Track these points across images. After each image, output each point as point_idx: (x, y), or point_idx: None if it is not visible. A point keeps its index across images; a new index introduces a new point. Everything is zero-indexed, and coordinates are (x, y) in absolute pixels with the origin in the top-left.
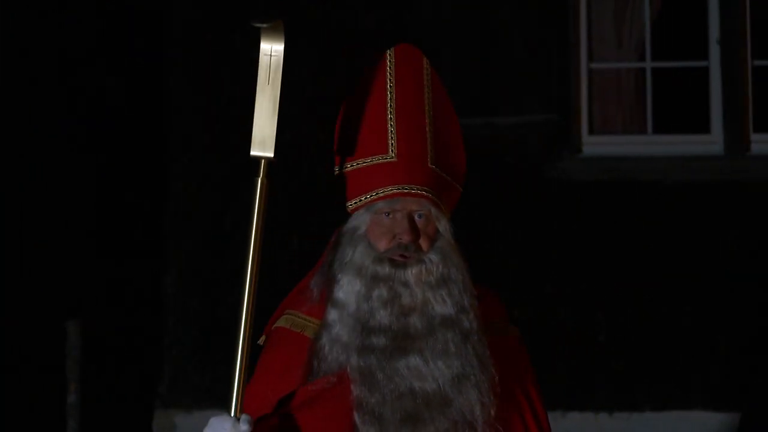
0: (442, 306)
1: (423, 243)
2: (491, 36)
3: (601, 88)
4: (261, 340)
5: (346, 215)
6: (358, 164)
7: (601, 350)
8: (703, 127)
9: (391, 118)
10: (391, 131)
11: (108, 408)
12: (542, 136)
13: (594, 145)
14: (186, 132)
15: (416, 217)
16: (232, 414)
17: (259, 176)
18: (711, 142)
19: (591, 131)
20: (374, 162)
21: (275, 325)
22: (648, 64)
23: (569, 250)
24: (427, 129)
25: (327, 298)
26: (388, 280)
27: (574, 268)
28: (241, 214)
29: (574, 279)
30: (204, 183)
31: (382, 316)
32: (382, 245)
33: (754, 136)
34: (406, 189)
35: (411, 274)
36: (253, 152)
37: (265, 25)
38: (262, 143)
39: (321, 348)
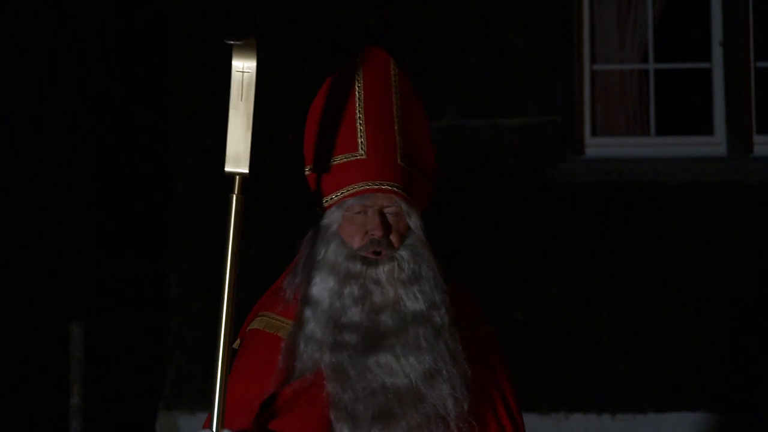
0: (414, 302)
1: (394, 239)
2: (494, 37)
3: (604, 89)
4: (236, 344)
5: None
6: (328, 163)
7: (605, 352)
8: (706, 129)
9: (360, 117)
10: (361, 130)
11: (111, 409)
12: (545, 137)
13: (597, 146)
14: (189, 133)
15: (387, 213)
16: (215, 428)
17: (234, 192)
18: (714, 144)
19: (594, 133)
20: (344, 160)
21: (249, 327)
22: (651, 66)
23: (572, 252)
24: (396, 128)
25: (301, 296)
26: (359, 277)
27: (577, 270)
28: (245, 216)
29: (577, 280)
30: (207, 185)
31: (354, 314)
32: (355, 242)
33: (757, 138)
34: (377, 185)
35: (383, 271)
36: (228, 168)
37: (238, 42)
38: (237, 159)
39: (296, 346)
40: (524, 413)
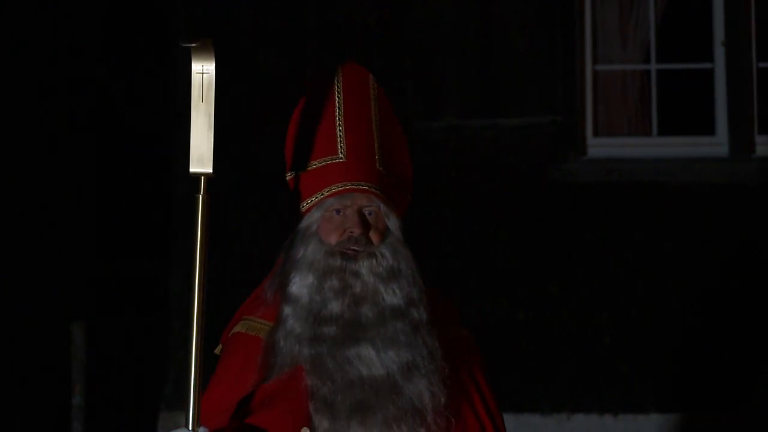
0: (392, 297)
1: (374, 237)
2: (495, 37)
3: (606, 89)
4: (217, 350)
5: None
6: (309, 167)
7: (606, 352)
8: (708, 129)
9: (339, 123)
10: (340, 134)
11: (113, 410)
12: (547, 137)
13: (599, 146)
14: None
15: (366, 212)
16: (190, 427)
17: (199, 193)
18: (716, 144)
19: (596, 133)
20: (324, 163)
21: (232, 332)
22: (653, 66)
23: (573, 252)
24: (375, 134)
25: (281, 297)
26: (339, 271)
27: (578, 270)
28: (245, 216)
29: (578, 281)
30: (208, 185)
31: (334, 306)
32: (333, 239)
33: (759, 138)
34: (356, 185)
35: (363, 265)
36: (192, 169)
37: (193, 45)
38: (200, 160)
39: (276, 342)
40: (526, 414)
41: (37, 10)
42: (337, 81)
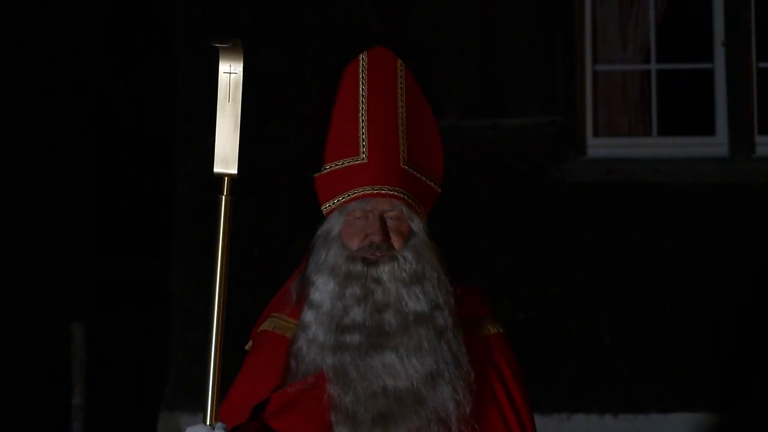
0: (416, 303)
1: (396, 242)
2: (495, 37)
3: (606, 90)
4: (248, 346)
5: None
6: (330, 168)
7: (606, 352)
8: (708, 129)
9: (362, 121)
10: (363, 134)
11: (113, 410)
12: (547, 138)
13: (599, 147)
14: (190, 134)
15: (388, 218)
16: (207, 422)
17: (223, 194)
18: (715, 144)
19: (596, 133)
20: (346, 165)
21: (260, 329)
22: (653, 66)
23: (573, 252)
24: (399, 131)
25: (304, 300)
26: (360, 277)
27: (578, 270)
28: (246, 216)
29: (578, 281)
30: (209, 185)
31: (356, 314)
32: (355, 244)
33: (759, 138)
34: (377, 189)
35: (384, 270)
36: (217, 169)
37: (224, 45)
38: (225, 161)
39: (299, 349)
40: None
41: (37, 10)
42: (362, 73)
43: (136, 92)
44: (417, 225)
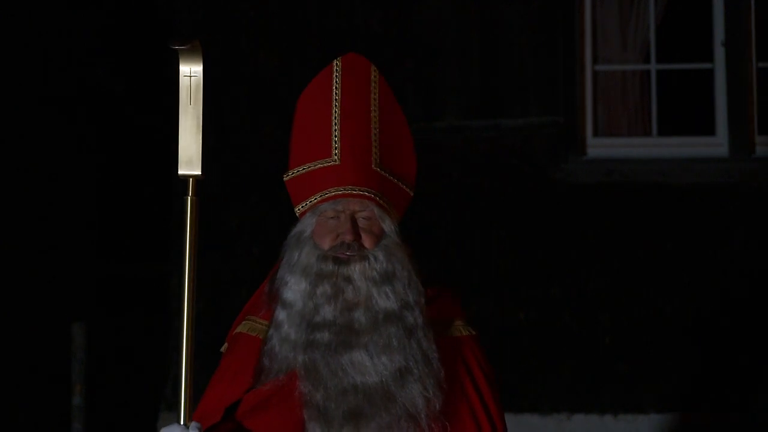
0: (386, 301)
1: (367, 241)
2: (496, 38)
3: (606, 90)
4: (223, 348)
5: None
6: (303, 169)
7: (606, 352)
8: (708, 130)
9: (335, 124)
10: (335, 136)
11: (113, 410)
12: (547, 138)
13: (599, 147)
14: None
15: (360, 218)
16: (182, 422)
17: (188, 195)
18: (716, 145)
19: (596, 133)
20: (318, 166)
21: (236, 331)
22: (653, 67)
23: (574, 252)
24: (372, 134)
25: (278, 301)
26: (331, 276)
27: (578, 270)
28: (246, 216)
29: (579, 281)
30: (209, 185)
31: (327, 312)
32: (326, 244)
33: (759, 138)
34: (349, 190)
35: (354, 269)
36: (181, 171)
37: (183, 47)
38: (189, 162)
39: (272, 348)
40: (526, 414)
41: (38, 10)
42: (336, 78)
43: (136, 92)
44: (388, 226)
